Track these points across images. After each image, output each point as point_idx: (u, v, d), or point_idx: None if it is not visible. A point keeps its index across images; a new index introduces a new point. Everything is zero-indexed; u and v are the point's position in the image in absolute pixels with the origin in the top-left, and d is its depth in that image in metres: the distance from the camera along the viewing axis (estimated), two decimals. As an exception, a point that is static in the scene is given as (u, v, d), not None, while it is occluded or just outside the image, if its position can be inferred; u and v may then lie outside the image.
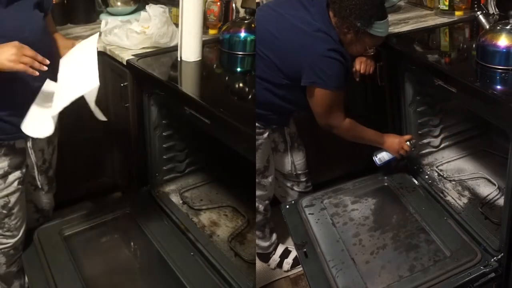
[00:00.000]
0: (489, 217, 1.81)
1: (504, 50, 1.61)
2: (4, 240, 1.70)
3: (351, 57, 1.79)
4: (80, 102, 1.42)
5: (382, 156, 1.98)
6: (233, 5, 2.27)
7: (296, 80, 1.69)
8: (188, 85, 1.88)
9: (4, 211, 1.66)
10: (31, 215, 1.83)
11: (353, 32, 1.69)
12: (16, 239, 1.72)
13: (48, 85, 1.55)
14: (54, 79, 1.54)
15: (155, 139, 2.05)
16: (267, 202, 2.01)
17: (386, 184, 2.01)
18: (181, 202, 2.17)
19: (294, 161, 2.08)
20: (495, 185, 2.00)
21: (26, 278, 1.78)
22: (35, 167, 1.72)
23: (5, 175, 1.63)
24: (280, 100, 1.77)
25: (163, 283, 1.71)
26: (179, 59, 1.95)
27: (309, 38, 1.65)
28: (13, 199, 1.67)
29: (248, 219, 2.08)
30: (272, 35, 1.71)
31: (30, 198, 1.81)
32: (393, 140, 1.94)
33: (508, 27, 1.64)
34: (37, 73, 1.42)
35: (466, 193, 1.99)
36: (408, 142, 1.94)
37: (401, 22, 2.19)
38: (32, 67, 1.40)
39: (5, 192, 1.64)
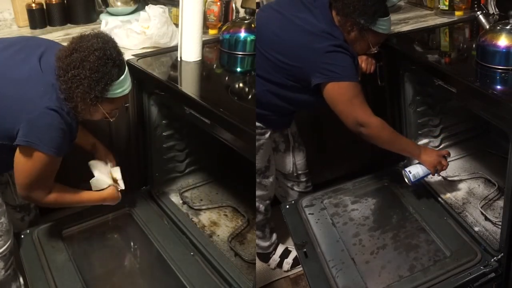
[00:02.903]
0: (489, 217, 1.81)
1: (504, 50, 1.61)
2: (1, 245, 1.69)
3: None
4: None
5: (417, 172, 1.78)
6: (233, 5, 2.27)
7: (301, 80, 1.68)
8: (188, 85, 1.88)
9: None
10: (12, 215, 1.80)
11: (357, 29, 1.69)
12: (9, 242, 1.70)
13: None
14: None
15: (155, 139, 2.05)
16: (267, 202, 2.01)
17: (386, 184, 2.00)
18: (181, 202, 2.17)
19: (296, 161, 2.08)
20: (495, 185, 2.00)
21: (21, 280, 1.77)
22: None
23: None
24: (283, 101, 1.77)
25: (163, 283, 1.71)
26: (179, 59, 1.95)
27: (313, 39, 1.64)
28: (1, 201, 1.64)
29: (248, 219, 2.08)
30: (276, 35, 1.70)
31: (4, 200, 1.76)
32: (431, 153, 1.80)
33: (508, 27, 1.64)
34: None
35: (466, 193, 1.99)
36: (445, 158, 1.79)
37: (401, 22, 2.19)
38: None
39: None
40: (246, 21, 2.03)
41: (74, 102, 1.44)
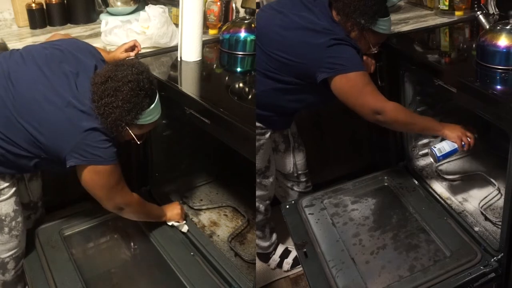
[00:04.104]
0: (489, 217, 1.81)
1: (504, 50, 1.61)
2: (15, 245, 1.70)
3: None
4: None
5: (442, 147, 1.72)
6: (233, 5, 2.27)
7: (307, 77, 1.68)
8: (188, 85, 1.88)
9: (13, 214, 1.65)
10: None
11: (357, 30, 1.69)
12: (24, 241, 1.72)
13: None
14: None
15: (155, 139, 2.05)
16: (267, 202, 2.01)
17: (386, 184, 2.00)
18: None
19: (296, 161, 2.08)
20: (495, 185, 2.00)
21: (27, 280, 1.78)
22: None
23: (12, 176, 1.62)
24: (288, 100, 1.77)
25: (163, 283, 1.71)
26: (179, 59, 1.95)
27: (314, 35, 1.64)
28: (18, 200, 1.67)
29: (248, 219, 2.08)
30: (279, 35, 1.70)
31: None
32: (454, 127, 1.73)
33: (508, 27, 1.64)
34: None
35: (466, 193, 1.99)
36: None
37: (401, 22, 2.19)
38: None
39: (12, 192, 1.63)
40: (246, 21, 2.03)
41: (106, 126, 1.50)
